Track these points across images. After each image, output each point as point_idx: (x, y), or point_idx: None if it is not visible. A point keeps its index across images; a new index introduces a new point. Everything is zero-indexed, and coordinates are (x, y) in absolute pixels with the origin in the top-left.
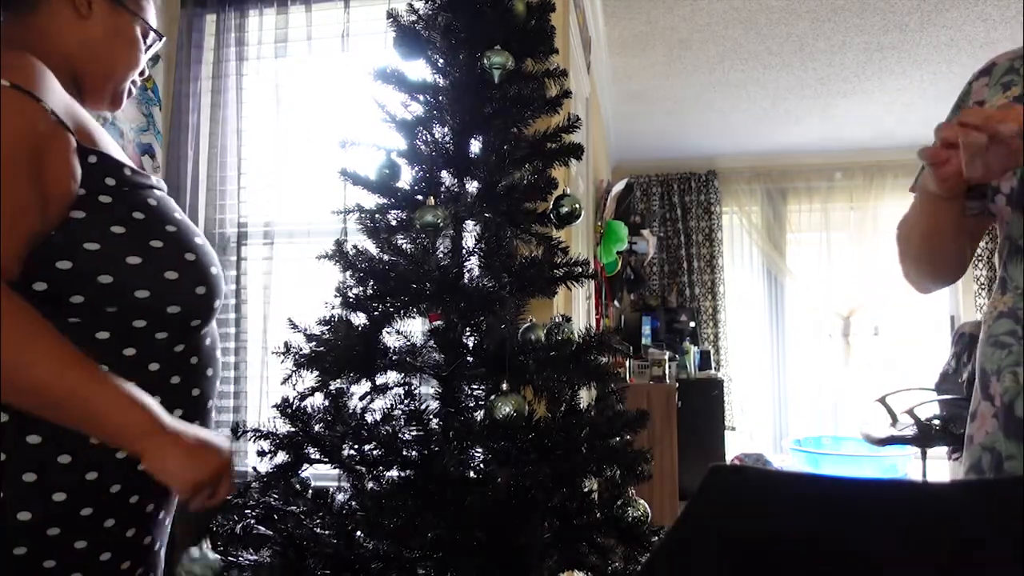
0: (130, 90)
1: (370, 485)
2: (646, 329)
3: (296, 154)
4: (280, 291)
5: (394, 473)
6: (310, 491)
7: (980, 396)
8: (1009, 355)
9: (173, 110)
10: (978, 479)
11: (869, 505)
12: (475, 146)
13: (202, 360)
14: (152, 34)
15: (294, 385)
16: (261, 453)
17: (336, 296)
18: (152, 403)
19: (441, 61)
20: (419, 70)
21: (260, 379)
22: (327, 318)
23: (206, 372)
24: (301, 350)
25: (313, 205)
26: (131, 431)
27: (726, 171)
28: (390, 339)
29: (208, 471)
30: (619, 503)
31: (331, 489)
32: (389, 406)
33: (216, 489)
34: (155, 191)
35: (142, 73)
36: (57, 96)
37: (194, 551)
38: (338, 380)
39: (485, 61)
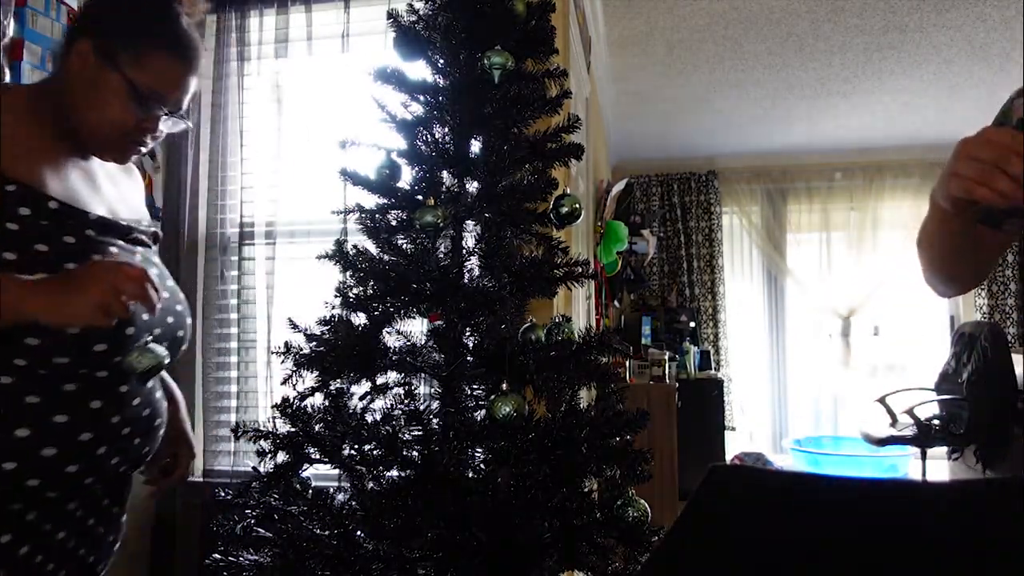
0: (139, 148)
1: (370, 485)
2: (646, 329)
3: (297, 154)
4: (282, 291)
5: (394, 473)
6: (310, 491)
7: None
8: None
9: None
10: (978, 479)
11: (869, 505)
12: (475, 146)
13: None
14: (162, 99)
15: (294, 385)
16: (261, 453)
17: (336, 296)
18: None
19: (441, 61)
20: (419, 70)
21: (266, 379)
22: (327, 318)
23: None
24: (301, 350)
25: (314, 205)
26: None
27: (726, 171)
28: (390, 339)
29: (101, 287)
30: (619, 503)
31: (331, 489)
32: (389, 406)
33: (139, 291)
34: (87, 231)
35: (156, 137)
36: (12, 130)
37: (144, 345)
38: (338, 380)
39: (485, 61)
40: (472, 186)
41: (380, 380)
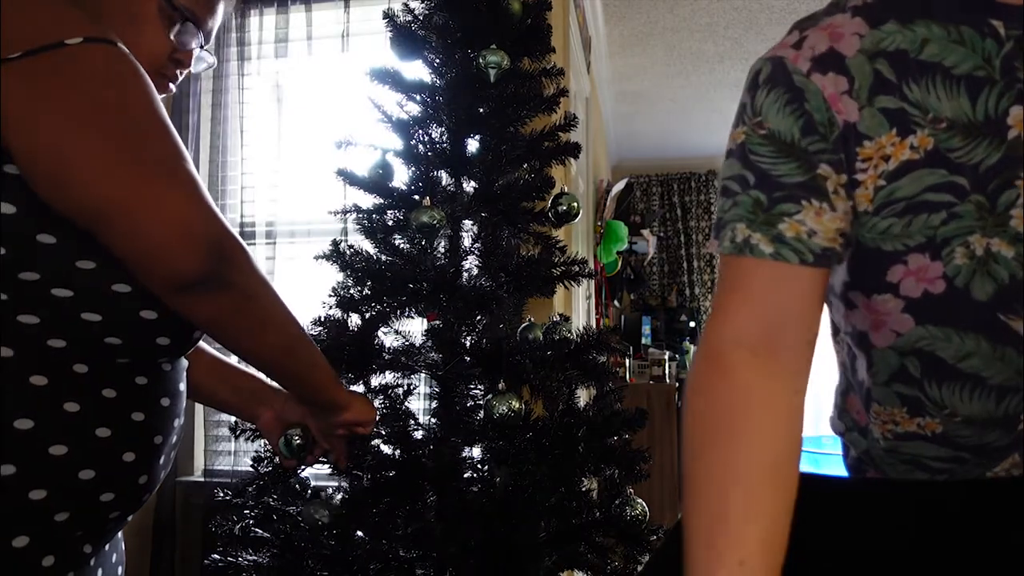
0: (167, 85)
1: (369, 485)
2: (646, 329)
3: (297, 154)
4: (282, 291)
5: (392, 473)
6: (309, 491)
7: None
8: None
9: (173, 110)
10: (979, 479)
11: (869, 505)
12: (472, 145)
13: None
14: (196, 22)
15: None
16: (258, 460)
17: (332, 296)
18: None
19: (437, 60)
20: (416, 70)
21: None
22: (322, 318)
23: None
24: None
25: (314, 205)
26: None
27: None
28: (388, 339)
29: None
30: (617, 502)
31: (330, 489)
32: (386, 406)
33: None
34: None
35: (183, 72)
36: None
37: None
38: None
39: (481, 60)
40: (469, 185)
41: (377, 380)
